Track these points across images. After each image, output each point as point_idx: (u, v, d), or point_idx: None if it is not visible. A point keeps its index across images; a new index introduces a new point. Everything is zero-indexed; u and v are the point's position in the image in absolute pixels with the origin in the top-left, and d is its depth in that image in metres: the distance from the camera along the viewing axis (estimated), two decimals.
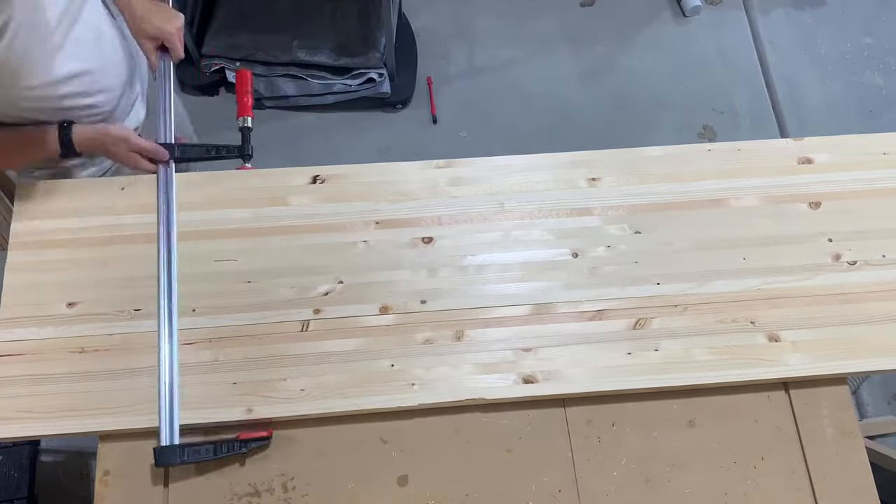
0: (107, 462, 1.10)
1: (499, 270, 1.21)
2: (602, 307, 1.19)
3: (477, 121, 2.38)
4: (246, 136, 1.31)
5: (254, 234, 1.22)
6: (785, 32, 2.57)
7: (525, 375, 1.14)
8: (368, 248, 1.22)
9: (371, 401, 1.12)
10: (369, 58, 2.25)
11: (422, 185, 1.27)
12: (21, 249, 1.20)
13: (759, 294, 1.20)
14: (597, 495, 1.11)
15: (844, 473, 1.12)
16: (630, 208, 1.26)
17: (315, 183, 1.27)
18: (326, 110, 2.36)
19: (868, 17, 2.61)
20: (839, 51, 2.54)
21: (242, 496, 1.09)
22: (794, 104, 2.45)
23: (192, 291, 1.17)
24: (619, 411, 1.15)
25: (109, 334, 1.14)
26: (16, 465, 1.62)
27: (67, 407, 1.10)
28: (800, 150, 1.32)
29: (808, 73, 2.50)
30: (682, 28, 2.57)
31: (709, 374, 1.15)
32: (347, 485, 1.10)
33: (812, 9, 2.62)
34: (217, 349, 1.14)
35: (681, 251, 1.23)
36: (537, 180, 1.28)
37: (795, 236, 1.25)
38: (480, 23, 2.55)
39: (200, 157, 1.29)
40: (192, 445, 1.07)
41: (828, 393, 1.16)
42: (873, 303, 1.20)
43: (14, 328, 1.14)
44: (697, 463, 1.13)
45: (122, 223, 1.22)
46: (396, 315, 1.17)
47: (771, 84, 2.48)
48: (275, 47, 2.26)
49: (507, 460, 1.12)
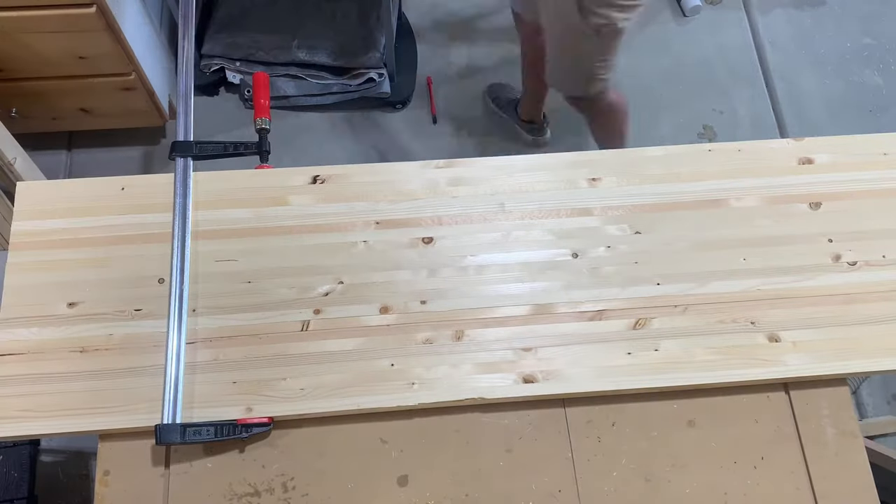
0: (107, 462, 1.10)
1: (499, 270, 1.21)
2: (602, 307, 1.19)
3: (477, 121, 2.38)
4: (263, 136, 1.33)
5: (254, 234, 1.22)
6: (785, 32, 2.57)
7: (525, 375, 1.14)
8: (368, 248, 1.22)
9: (371, 400, 1.12)
10: (369, 58, 2.25)
11: (422, 185, 1.27)
12: (21, 249, 1.20)
13: (759, 294, 1.20)
14: (597, 495, 1.11)
15: (844, 473, 1.12)
16: (630, 208, 1.26)
17: (315, 183, 1.27)
18: (326, 110, 2.36)
19: (868, 17, 2.61)
20: (839, 51, 2.54)
21: (242, 496, 1.09)
22: (794, 104, 2.45)
23: (192, 291, 1.17)
24: (619, 411, 1.15)
25: (110, 334, 1.14)
26: (16, 465, 1.62)
27: (68, 406, 1.10)
28: (800, 150, 1.32)
29: (808, 73, 2.50)
30: (682, 28, 2.57)
31: (709, 374, 1.15)
32: (347, 485, 1.10)
33: (812, 9, 2.62)
34: (217, 349, 1.14)
35: (681, 251, 1.23)
36: (537, 180, 1.28)
37: (795, 236, 1.25)
38: (480, 23, 2.55)
39: (218, 154, 1.30)
40: (194, 426, 1.07)
41: (828, 393, 1.16)
42: (873, 303, 1.20)
43: (14, 328, 1.14)
44: (697, 463, 1.13)
45: (122, 223, 1.22)
46: (396, 315, 1.17)
47: (771, 84, 2.48)
48: (275, 47, 2.26)
49: (507, 460, 1.12)
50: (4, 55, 1.84)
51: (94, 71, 1.93)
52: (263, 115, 1.33)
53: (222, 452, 1.11)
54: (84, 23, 1.75)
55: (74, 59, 1.87)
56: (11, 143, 1.78)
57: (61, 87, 1.97)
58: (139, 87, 2.01)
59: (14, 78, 1.92)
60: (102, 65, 1.91)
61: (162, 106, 2.14)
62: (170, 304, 1.14)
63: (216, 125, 2.31)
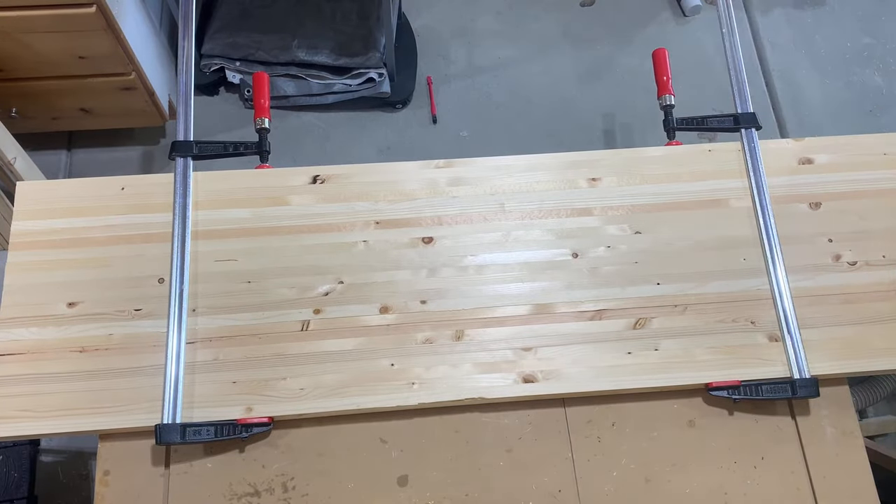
0: (107, 462, 1.10)
1: (499, 270, 1.21)
2: (602, 307, 1.19)
3: (477, 121, 2.38)
4: (263, 136, 1.33)
5: (254, 233, 1.22)
6: (785, 32, 2.57)
7: (525, 375, 1.14)
8: (368, 248, 1.22)
9: (371, 400, 1.12)
10: (369, 58, 2.25)
11: (422, 185, 1.27)
12: (21, 249, 1.20)
13: (759, 294, 1.20)
14: (597, 495, 1.11)
15: (844, 473, 1.12)
16: (630, 208, 1.26)
17: (315, 183, 1.27)
18: (326, 110, 2.36)
19: (868, 17, 2.61)
20: (839, 51, 2.54)
21: (242, 496, 1.09)
22: (794, 104, 2.45)
23: (192, 291, 1.17)
24: (619, 411, 1.15)
25: (110, 334, 1.14)
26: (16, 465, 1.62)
27: (68, 406, 1.10)
28: (800, 150, 1.32)
29: (808, 73, 2.50)
30: (682, 28, 2.57)
31: (709, 374, 1.15)
32: (347, 485, 1.10)
33: (812, 9, 2.62)
34: (217, 348, 1.14)
35: (681, 251, 1.23)
36: (537, 180, 1.28)
37: (795, 236, 1.25)
38: (480, 23, 2.55)
39: (218, 154, 1.30)
40: (194, 425, 1.07)
41: (828, 393, 1.16)
42: (873, 303, 1.20)
43: (15, 328, 1.14)
44: (697, 463, 1.13)
45: (122, 223, 1.22)
46: (396, 315, 1.17)
47: (771, 84, 2.48)
48: (275, 47, 2.26)
49: (507, 460, 1.12)
50: (4, 55, 1.83)
51: (94, 71, 1.93)
52: (263, 115, 1.33)
53: (222, 452, 1.11)
54: (84, 22, 1.75)
55: (74, 59, 1.87)
56: (11, 143, 1.78)
57: (61, 87, 1.97)
58: (139, 87, 2.01)
59: (14, 78, 1.92)
60: (102, 65, 1.91)
61: (162, 106, 2.14)
62: (170, 303, 1.14)
63: (216, 125, 2.31)
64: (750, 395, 1.13)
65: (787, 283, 1.19)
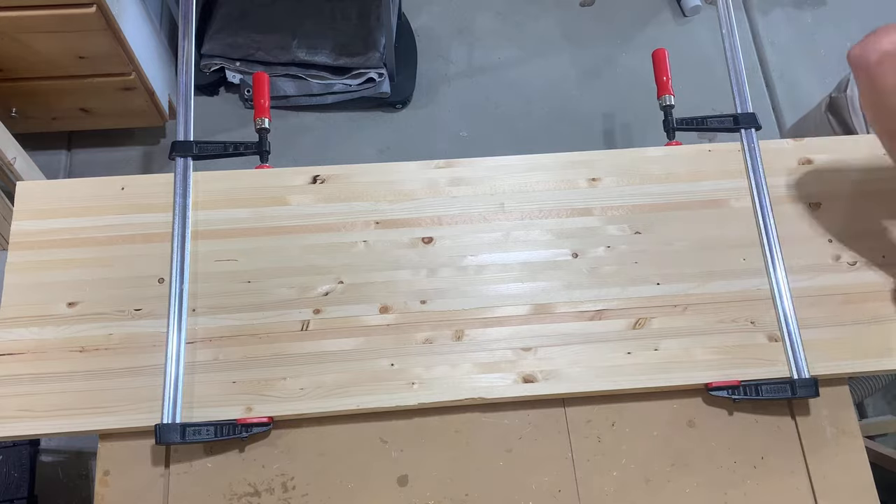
0: (107, 462, 1.10)
1: (499, 270, 1.21)
2: (602, 307, 1.19)
3: (477, 121, 2.38)
4: (263, 136, 1.33)
5: (254, 233, 1.22)
6: (785, 32, 2.57)
7: (525, 375, 1.14)
8: (368, 248, 1.22)
9: (371, 400, 1.12)
10: (369, 58, 2.25)
11: (422, 185, 1.27)
12: (21, 249, 1.20)
13: (759, 294, 1.20)
14: (597, 495, 1.11)
15: (844, 473, 1.12)
16: (630, 208, 1.26)
17: (315, 183, 1.27)
18: (326, 110, 2.36)
19: (868, 17, 2.61)
20: (839, 51, 2.54)
21: (242, 496, 1.09)
22: (794, 104, 2.45)
23: (191, 291, 1.17)
24: (619, 411, 1.15)
25: (109, 334, 1.14)
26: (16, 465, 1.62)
27: (68, 406, 1.10)
28: (800, 150, 1.32)
29: (808, 73, 2.50)
30: (682, 28, 2.57)
31: (709, 374, 1.15)
32: (347, 485, 1.10)
33: (812, 9, 2.62)
34: (217, 348, 1.14)
35: (681, 251, 1.23)
36: (537, 180, 1.28)
37: (795, 236, 1.25)
38: (480, 23, 2.55)
39: (218, 154, 1.30)
40: (194, 425, 1.07)
41: (828, 393, 1.16)
42: (873, 303, 1.20)
43: (14, 328, 1.14)
44: (697, 463, 1.13)
45: (122, 223, 1.22)
46: (396, 315, 1.17)
47: (771, 84, 2.48)
48: (275, 47, 2.26)
49: (507, 460, 1.12)
50: (4, 55, 1.84)
51: (94, 71, 1.93)
52: (263, 115, 1.33)
53: (222, 452, 1.11)
54: (84, 22, 1.75)
55: (74, 59, 1.87)
56: (11, 143, 1.78)
57: (61, 87, 1.98)
58: (139, 87, 2.02)
59: (14, 78, 1.92)
60: (102, 65, 1.91)
61: (162, 106, 2.14)
62: (170, 303, 1.14)
63: (216, 125, 2.32)
64: (750, 395, 1.13)
65: (787, 284, 1.19)
